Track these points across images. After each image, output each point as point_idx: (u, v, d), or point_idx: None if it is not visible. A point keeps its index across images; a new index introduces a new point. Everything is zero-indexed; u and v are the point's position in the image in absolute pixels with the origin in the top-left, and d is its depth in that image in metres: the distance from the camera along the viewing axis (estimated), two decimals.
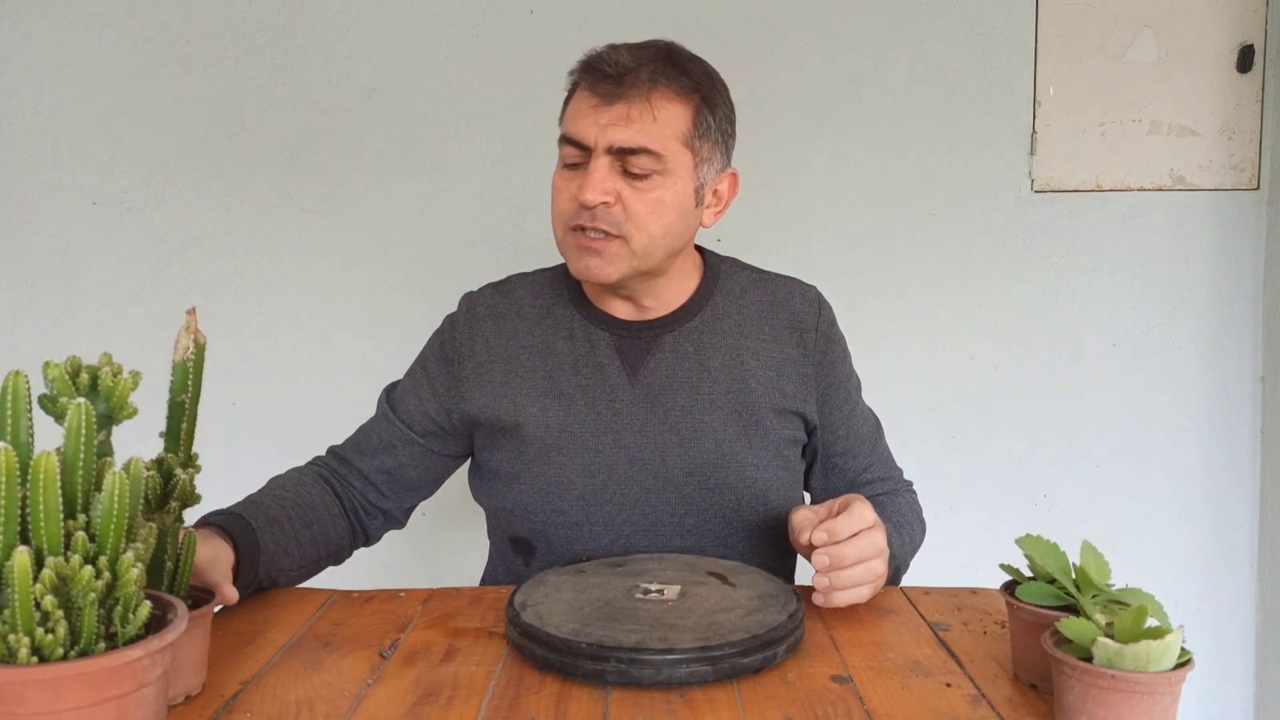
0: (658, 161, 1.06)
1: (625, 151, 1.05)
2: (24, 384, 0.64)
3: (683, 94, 1.08)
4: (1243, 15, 1.88)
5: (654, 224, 1.07)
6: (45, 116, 1.92)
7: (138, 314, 1.95)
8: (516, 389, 1.16)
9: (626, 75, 1.05)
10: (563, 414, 1.13)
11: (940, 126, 1.92)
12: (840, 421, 1.20)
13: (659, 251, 1.09)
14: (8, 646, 0.58)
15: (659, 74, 1.07)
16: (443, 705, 0.76)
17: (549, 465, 1.13)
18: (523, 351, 1.17)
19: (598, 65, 1.07)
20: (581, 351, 1.15)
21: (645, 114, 1.05)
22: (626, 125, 1.05)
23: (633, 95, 1.05)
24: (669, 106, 1.07)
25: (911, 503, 1.24)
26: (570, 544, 1.13)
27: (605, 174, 1.05)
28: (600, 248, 1.07)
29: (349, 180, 1.94)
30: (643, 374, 1.14)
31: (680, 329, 1.16)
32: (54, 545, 0.60)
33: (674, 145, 1.07)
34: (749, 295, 1.20)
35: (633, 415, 1.13)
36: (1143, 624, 0.67)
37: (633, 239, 1.07)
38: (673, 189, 1.08)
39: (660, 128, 1.06)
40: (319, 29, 1.91)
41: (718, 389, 1.14)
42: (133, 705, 0.61)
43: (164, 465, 0.77)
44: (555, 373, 1.15)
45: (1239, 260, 1.93)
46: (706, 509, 1.14)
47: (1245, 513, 1.97)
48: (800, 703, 0.76)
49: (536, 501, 1.14)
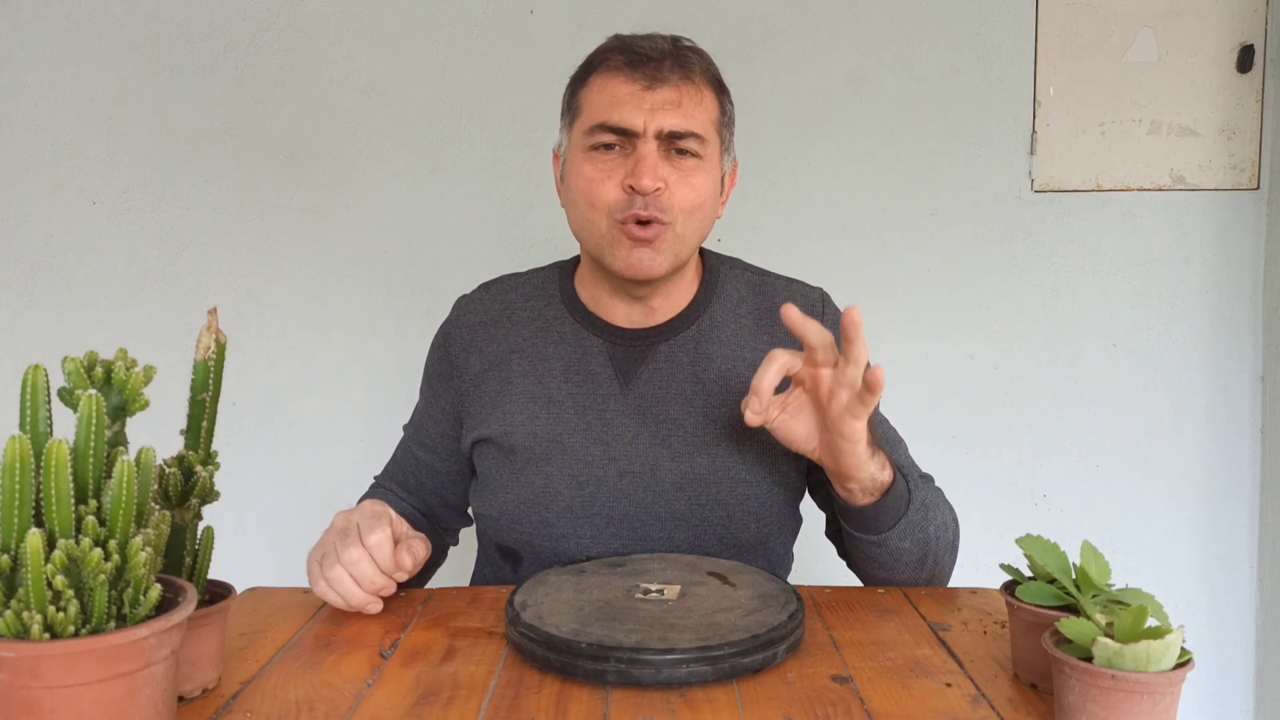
0: (702, 145, 1.06)
1: (676, 135, 1.04)
2: (43, 377, 0.67)
3: (711, 81, 1.09)
4: (1243, 15, 1.88)
5: (695, 209, 1.06)
6: (45, 116, 1.92)
7: (138, 314, 1.95)
8: (507, 395, 1.13)
9: (666, 60, 1.05)
10: (552, 422, 1.10)
11: (940, 126, 1.92)
12: None
13: (694, 238, 1.08)
14: (22, 623, 0.61)
15: (691, 60, 1.07)
16: (443, 705, 0.76)
17: (536, 475, 1.10)
18: (513, 356, 1.14)
19: (635, 48, 1.06)
20: (573, 357, 1.13)
21: (693, 97, 1.05)
22: (677, 109, 1.04)
23: (678, 79, 1.05)
24: (703, 95, 1.07)
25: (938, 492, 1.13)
26: (557, 555, 1.09)
27: (658, 160, 1.04)
28: (653, 237, 1.04)
29: (349, 180, 1.94)
30: (635, 384, 1.11)
31: (675, 338, 1.13)
32: (65, 528, 0.64)
33: (712, 131, 1.08)
34: (749, 302, 1.16)
35: (624, 426, 1.10)
36: (1143, 624, 0.67)
37: (677, 224, 1.05)
38: (709, 174, 1.08)
39: (704, 113, 1.06)
40: (319, 29, 1.91)
41: (712, 401, 1.10)
42: (141, 682, 0.64)
43: (184, 462, 0.79)
44: (545, 378, 1.12)
45: (1239, 260, 1.93)
46: (697, 524, 1.10)
47: (1245, 513, 1.97)
48: (800, 703, 0.76)
49: (523, 511, 1.10)
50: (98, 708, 0.62)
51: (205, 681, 0.79)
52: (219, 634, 0.80)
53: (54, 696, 0.61)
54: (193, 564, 0.81)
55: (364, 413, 1.99)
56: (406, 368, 1.98)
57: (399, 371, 1.98)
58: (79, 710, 0.62)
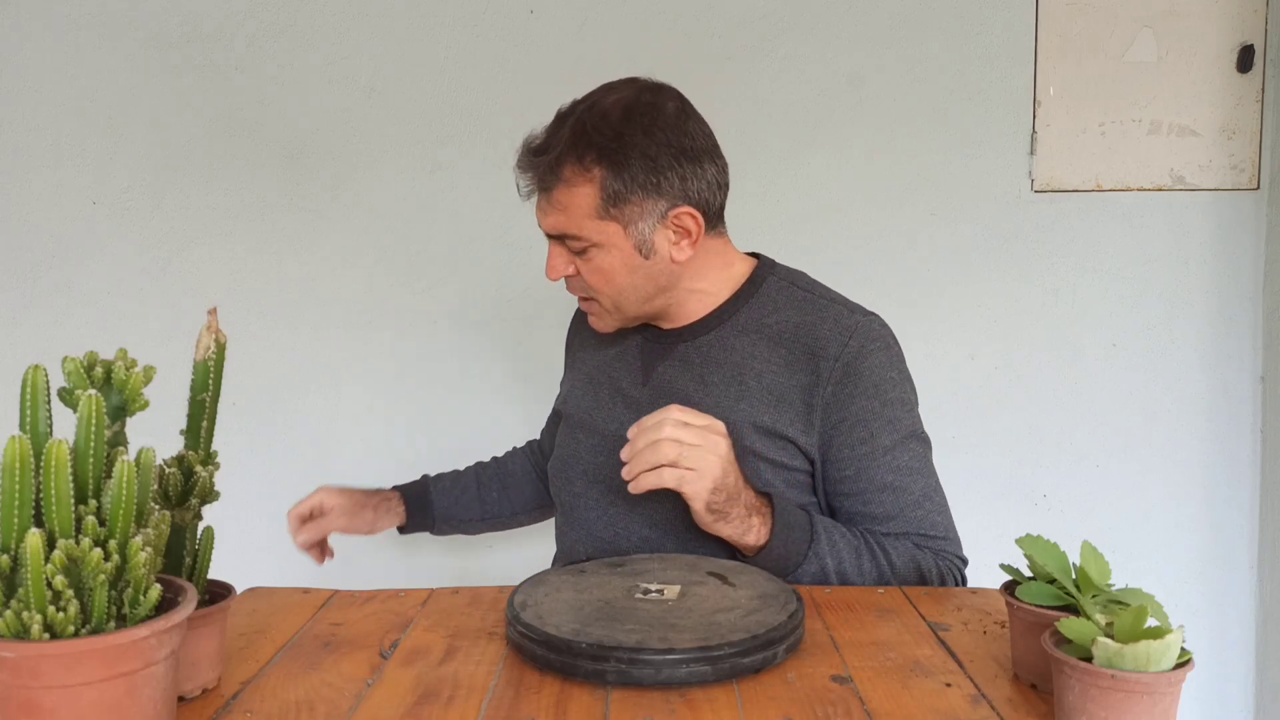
0: (582, 240, 1.14)
1: (557, 236, 1.16)
2: (43, 378, 0.68)
3: (583, 172, 1.11)
4: (1243, 15, 1.88)
5: (608, 288, 1.16)
6: (45, 116, 1.92)
7: (138, 314, 1.95)
8: (573, 373, 1.36)
9: (536, 168, 1.14)
10: (591, 399, 1.27)
11: (940, 126, 1.92)
12: (850, 461, 1.13)
13: (631, 305, 1.18)
14: (22, 623, 0.62)
15: (562, 158, 1.11)
16: (443, 705, 0.76)
17: (571, 439, 1.27)
18: (590, 343, 1.32)
19: (527, 150, 1.16)
20: (621, 348, 1.27)
21: (564, 198, 1.13)
22: (546, 216, 1.15)
23: (545, 186, 1.14)
24: (573, 192, 1.12)
25: (906, 552, 1.11)
26: (574, 510, 1.24)
27: (558, 254, 1.17)
28: (588, 308, 1.22)
29: (349, 180, 1.94)
30: (654, 378, 1.22)
31: (694, 340, 1.21)
32: (65, 528, 0.64)
33: (589, 224, 1.12)
34: (779, 314, 1.19)
35: (640, 411, 1.13)
36: (1143, 624, 0.67)
37: (601, 300, 1.18)
38: (610, 256, 1.14)
39: (570, 214, 1.12)
40: (319, 29, 1.90)
41: (709, 403, 1.14)
42: (141, 682, 0.64)
43: (184, 462, 0.79)
44: (600, 362, 1.29)
45: (1239, 260, 1.93)
46: (671, 511, 1.13)
47: (1245, 513, 1.97)
48: (800, 703, 0.76)
49: (558, 468, 1.29)
50: (98, 708, 0.62)
51: (205, 681, 0.79)
52: (219, 634, 0.80)
53: (54, 696, 0.61)
54: (193, 564, 0.81)
55: (363, 412, 1.99)
56: (407, 367, 1.99)
57: (399, 371, 1.98)
58: (79, 710, 0.62)
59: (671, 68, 1.93)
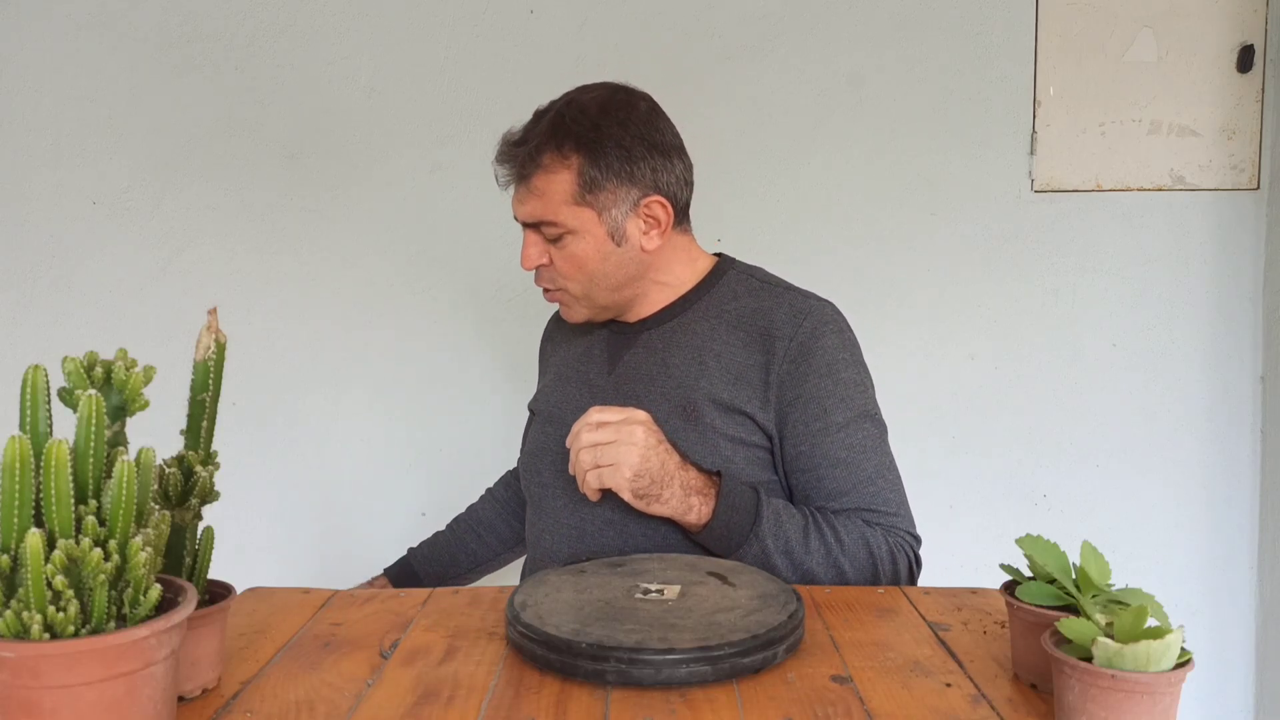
0: (559, 227, 1.18)
1: (533, 224, 1.20)
2: (43, 378, 0.68)
3: (561, 159, 1.17)
4: (1243, 15, 1.88)
5: (580, 275, 1.21)
6: (45, 116, 1.92)
7: (137, 314, 1.95)
8: (545, 370, 1.40)
9: (515, 158, 1.19)
10: (559, 393, 1.30)
11: (940, 127, 1.92)
12: (804, 437, 1.16)
13: (601, 294, 1.23)
14: (22, 623, 0.61)
15: (541, 147, 1.17)
16: (443, 705, 0.76)
17: (540, 433, 1.30)
18: (562, 341, 1.37)
19: (505, 143, 1.21)
20: (587, 342, 1.31)
21: (541, 185, 1.18)
22: (524, 204, 1.19)
23: (524, 174, 1.18)
24: (550, 178, 1.17)
25: (855, 530, 1.12)
26: (542, 502, 1.25)
27: (533, 243, 1.21)
28: (557, 299, 1.26)
29: (349, 180, 1.94)
30: (619, 368, 1.26)
31: (659, 329, 1.26)
32: (65, 528, 0.64)
33: (565, 210, 1.17)
34: (738, 301, 1.24)
35: (602, 401, 1.17)
36: (1143, 624, 0.67)
37: (570, 289, 1.23)
38: (584, 243, 1.19)
39: (547, 200, 1.17)
40: (319, 29, 1.91)
41: (670, 383, 1.20)
42: (141, 682, 0.64)
43: (184, 462, 0.79)
44: (568, 358, 1.32)
45: (1239, 260, 1.93)
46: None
47: (1245, 513, 1.97)
48: (800, 703, 0.76)
49: (527, 461, 1.32)
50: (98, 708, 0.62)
51: (205, 681, 0.79)
52: (219, 634, 0.80)
53: (54, 696, 0.61)
54: (193, 564, 0.81)
55: (364, 412, 1.99)
56: (406, 367, 1.99)
57: (399, 371, 1.98)
58: (79, 710, 0.62)
59: (671, 67, 1.95)
